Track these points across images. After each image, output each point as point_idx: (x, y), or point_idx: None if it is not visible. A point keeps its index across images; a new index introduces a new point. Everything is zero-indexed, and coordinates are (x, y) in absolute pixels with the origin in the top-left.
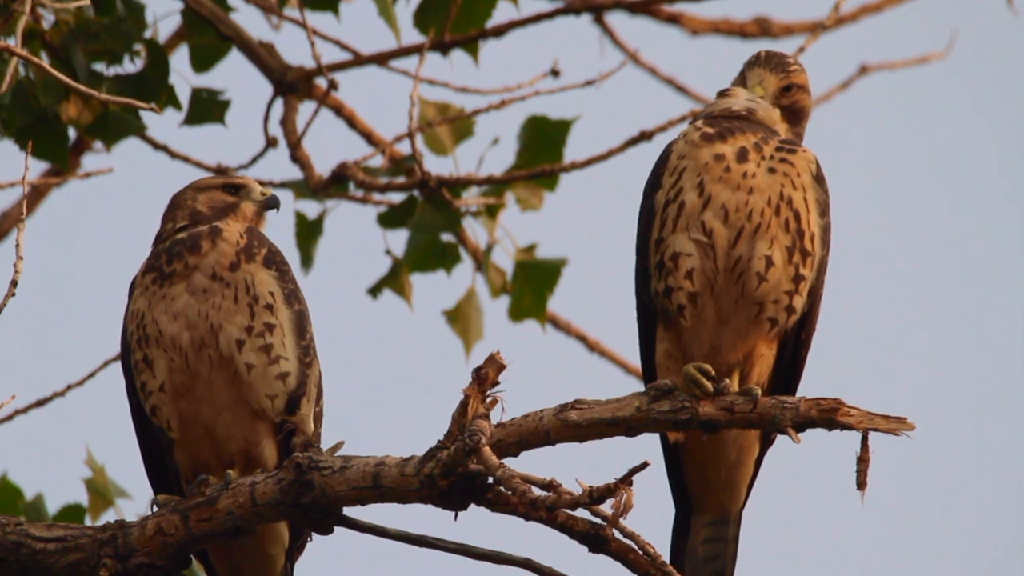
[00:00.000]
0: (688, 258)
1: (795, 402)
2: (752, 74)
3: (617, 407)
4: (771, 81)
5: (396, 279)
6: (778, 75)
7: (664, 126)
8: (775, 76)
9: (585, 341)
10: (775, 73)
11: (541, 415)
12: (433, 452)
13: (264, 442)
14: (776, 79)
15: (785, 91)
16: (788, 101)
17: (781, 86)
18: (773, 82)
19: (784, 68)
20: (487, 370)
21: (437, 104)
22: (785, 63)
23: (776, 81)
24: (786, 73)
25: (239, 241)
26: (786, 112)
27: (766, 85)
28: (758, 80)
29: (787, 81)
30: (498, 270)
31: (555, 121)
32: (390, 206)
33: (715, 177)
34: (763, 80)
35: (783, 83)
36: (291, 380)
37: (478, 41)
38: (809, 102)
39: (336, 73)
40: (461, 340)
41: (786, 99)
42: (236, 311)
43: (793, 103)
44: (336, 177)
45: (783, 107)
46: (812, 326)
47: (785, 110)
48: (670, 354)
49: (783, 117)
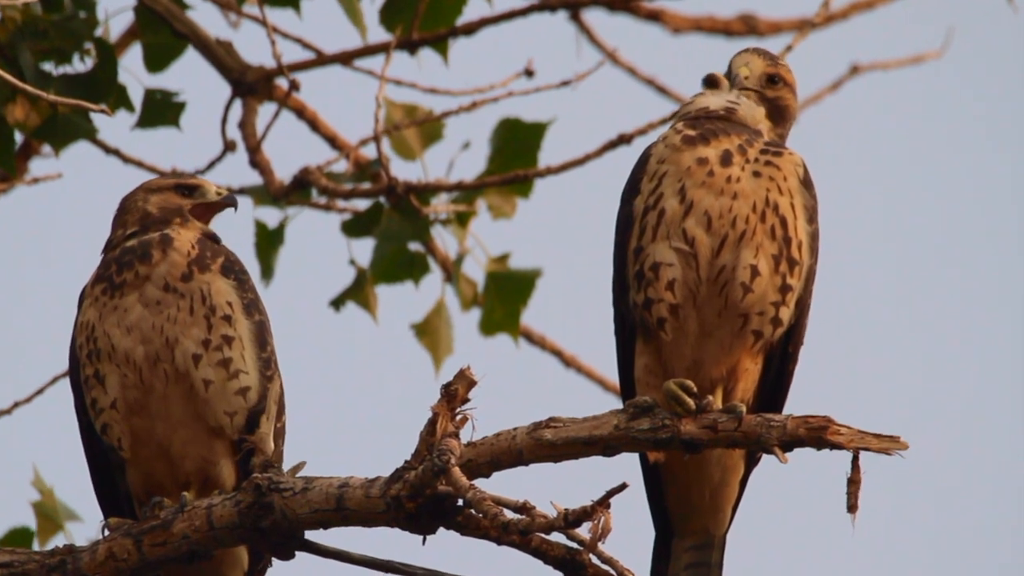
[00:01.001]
0: (669, 268)
1: (782, 420)
2: (738, 59)
3: (594, 425)
4: (758, 64)
5: (361, 291)
6: (765, 60)
7: (644, 129)
8: (762, 60)
9: (560, 356)
10: (763, 58)
11: (514, 434)
12: (400, 473)
13: (222, 462)
14: (763, 63)
15: (771, 81)
16: (773, 94)
17: (767, 72)
18: (760, 65)
19: (772, 58)
20: (457, 386)
21: (404, 106)
22: (774, 55)
23: (763, 65)
24: (774, 62)
25: (191, 252)
26: (770, 108)
27: (752, 67)
28: (744, 62)
29: (774, 69)
30: (469, 281)
31: (529, 124)
32: (355, 214)
33: (697, 182)
34: (749, 62)
35: (770, 70)
36: (252, 395)
37: (448, 39)
38: (795, 104)
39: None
40: (430, 355)
41: (771, 91)
42: (192, 323)
43: (778, 98)
44: (298, 183)
45: (767, 100)
46: (800, 339)
47: (769, 105)
48: (650, 369)
49: (767, 114)
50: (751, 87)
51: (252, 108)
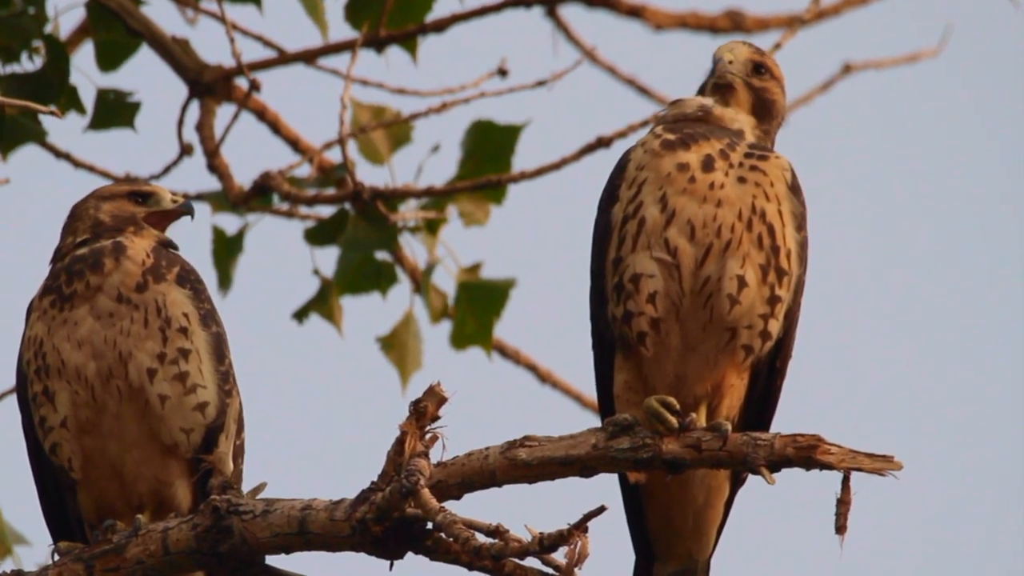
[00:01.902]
0: (650, 280)
1: (769, 439)
2: (722, 47)
3: (571, 444)
4: (742, 50)
5: (325, 302)
6: (751, 48)
7: (624, 131)
8: (748, 48)
9: (535, 371)
10: (748, 46)
11: (486, 453)
12: (366, 494)
13: (177, 483)
14: (748, 49)
15: (757, 70)
16: (760, 84)
17: (753, 59)
18: (744, 51)
19: (758, 48)
20: (426, 403)
21: (371, 107)
22: (757, 47)
23: (748, 52)
24: (759, 51)
25: (145, 260)
26: (755, 100)
27: (737, 53)
28: (728, 48)
29: (760, 58)
30: (439, 292)
31: (503, 126)
32: (318, 221)
33: (679, 189)
34: (734, 48)
35: (756, 58)
36: (210, 410)
37: (417, 37)
38: (782, 100)
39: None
40: (397, 370)
41: (758, 80)
42: (146, 336)
43: (764, 90)
44: (258, 188)
45: (753, 91)
46: (788, 353)
47: (755, 96)
48: (630, 386)
49: (751, 107)
50: (735, 73)
51: (210, 109)
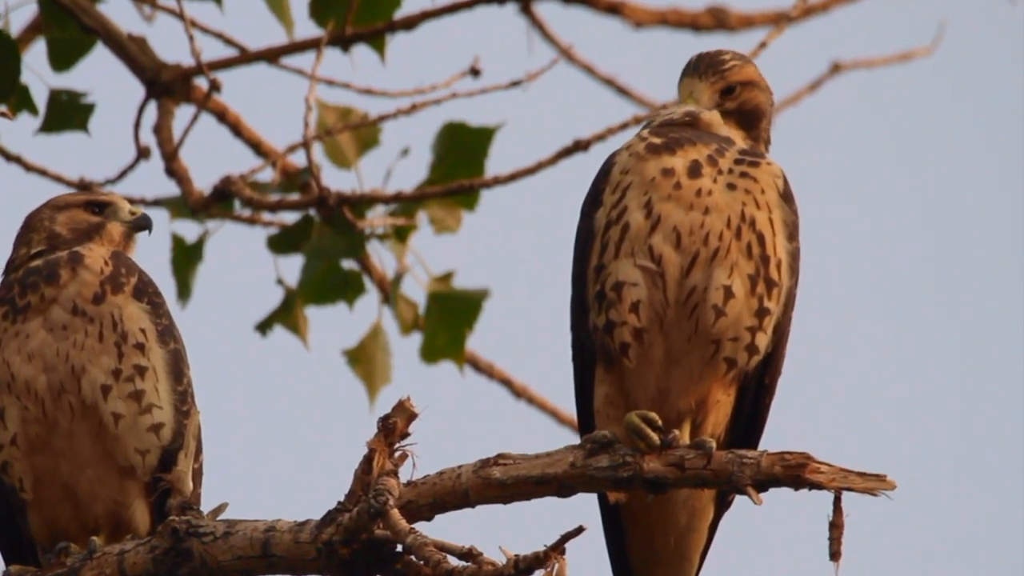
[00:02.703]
0: (633, 288)
1: (756, 457)
2: (681, 86)
3: (547, 463)
4: (702, 88)
5: (289, 313)
6: (710, 80)
7: (602, 134)
8: (706, 82)
9: (510, 386)
10: (706, 79)
11: (459, 472)
12: (332, 515)
13: (134, 504)
14: (708, 85)
15: (726, 93)
16: (735, 104)
17: (718, 89)
18: (705, 89)
19: (717, 69)
20: (395, 420)
21: (337, 108)
22: (719, 62)
23: (709, 87)
24: (720, 74)
25: (103, 269)
26: (737, 116)
27: (697, 95)
28: (688, 92)
29: (723, 83)
30: (408, 303)
31: (475, 129)
32: (282, 228)
33: (663, 195)
34: (693, 90)
35: (719, 86)
36: (165, 432)
37: (385, 35)
38: (764, 98)
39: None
40: (365, 384)
41: (731, 102)
42: (101, 351)
43: (742, 104)
44: (219, 194)
45: (732, 112)
46: (777, 368)
47: (735, 115)
48: (611, 400)
49: (735, 123)
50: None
51: (168, 111)
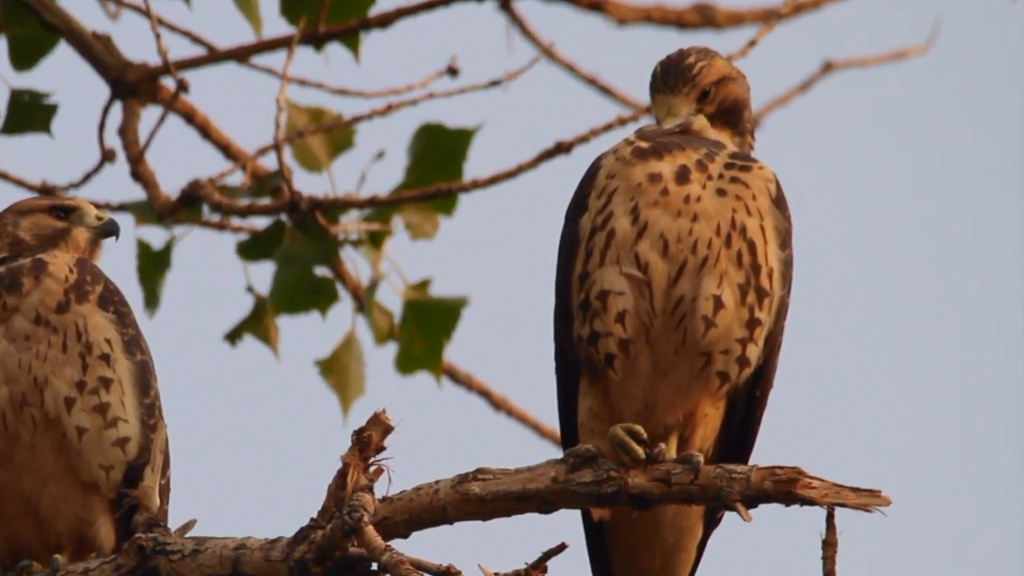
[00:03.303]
0: (619, 297)
1: (745, 471)
2: (656, 103)
3: (528, 478)
4: (678, 103)
5: (259, 322)
6: (683, 91)
7: (585, 136)
8: (680, 95)
9: (489, 398)
10: (678, 91)
11: (436, 487)
12: (305, 532)
13: (99, 520)
14: (683, 97)
15: (703, 98)
16: (713, 106)
17: (693, 99)
18: (681, 102)
19: (686, 78)
20: (370, 433)
21: (309, 109)
22: (685, 70)
23: (684, 99)
24: (691, 83)
25: (68, 276)
26: (718, 116)
27: (676, 110)
28: (665, 109)
29: (697, 90)
30: (383, 311)
31: (453, 130)
32: (252, 233)
33: (650, 201)
34: (671, 107)
35: (694, 95)
36: (131, 447)
37: (359, 33)
38: (739, 89)
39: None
40: (338, 396)
41: (710, 105)
42: (65, 362)
43: (720, 103)
44: (186, 198)
45: (712, 115)
46: (769, 381)
47: (716, 115)
48: (595, 413)
49: (719, 123)
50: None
51: (134, 112)
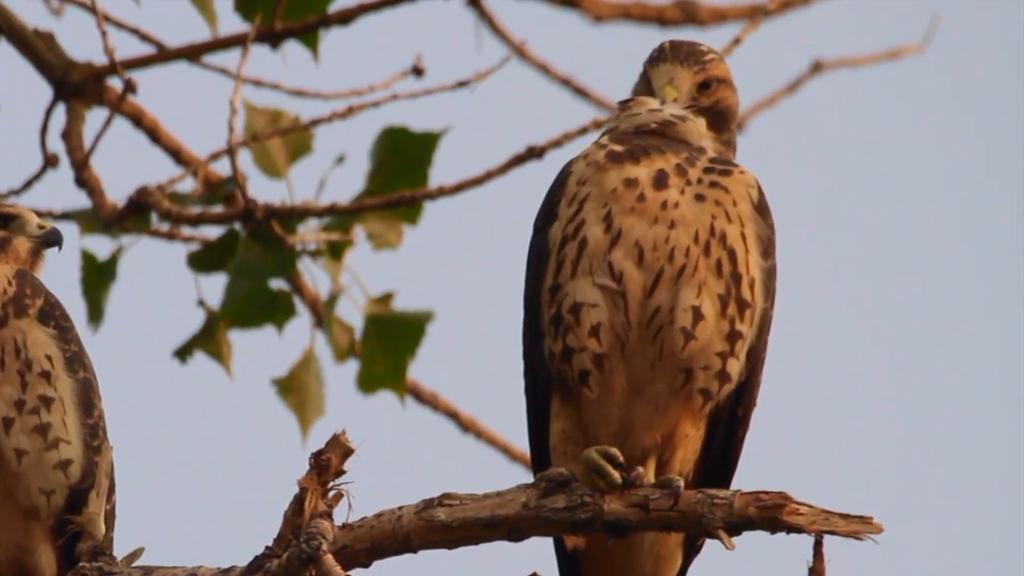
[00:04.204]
0: (593, 310)
1: (728, 497)
2: (658, 72)
3: (498, 503)
4: (684, 77)
5: (211, 338)
6: (692, 69)
7: (559, 140)
8: (688, 71)
9: (456, 418)
10: (687, 67)
11: (399, 514)
12: (260, 561)
13: (40, 548)
14: (690, 74)
15: (703, 88)
16: (709, 101)
17: (697, 82)
18: (687, 78)
19: (698, 59)
20: (329, 456)
21: (266, 111)
22: (698, 52)
23: (690, 77)
24: (701, 65)
25: (6, 289)
26: (709, 115)
27: (678, 83)
28: (667, 79)
29: (704, 75)
30: (344, 327)
31: (418, 134)
32: (204, 244)
33: (626, 207)
34: (673, 78)
35: (699, 78)
36: (74, 470)
37: (318, 30)
38: (735, 100)
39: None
40: (296, 417)
41: (706, 98)
42: (3, 380)
43: (716, 103)
44: (134, 206)
45: (704, 110)
46: (752, 399)
47: (707, 113)
48: (568, 435)
49: (709, 126)
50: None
51: (79, 114)
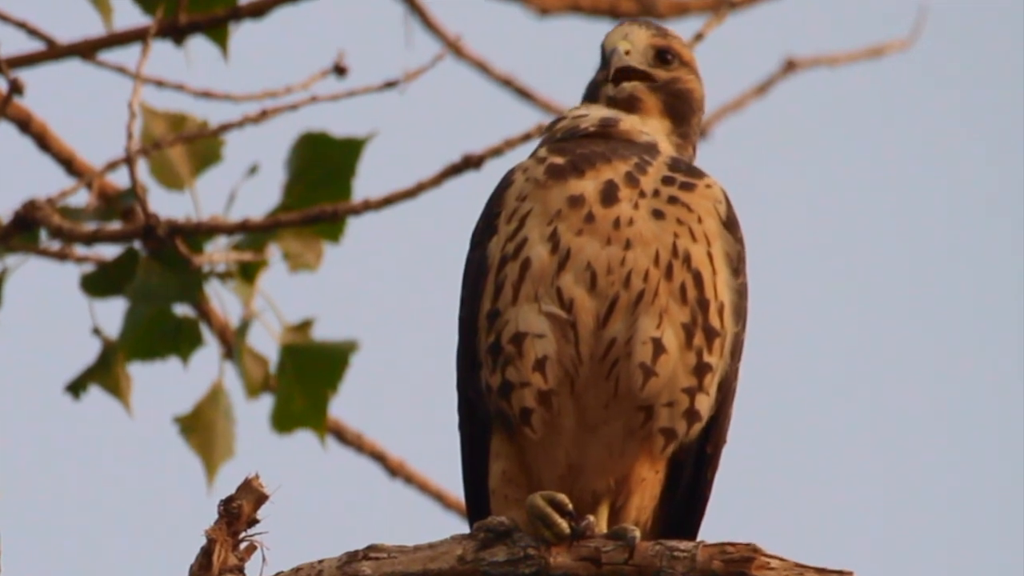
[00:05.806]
0: (538, 341)
1: (690, 549)
2: (614, 33)
3: (430, 556)
4: (640, 35)
5: (108, 370)
6: (651, 30)
7: (499, 147)
8: (647, 31)
9: (384, 461)
10: (647, 28)
11: (319, 568)
12: None
13: None
14: (647, 34)
15: (661, 58)
16: (667, 75)
17: (655, 45)
18: (643, 36)
19: (661, 29)
20: (240, 503)
21: (169, 115)
22: (662, 27)
23: (647, 35)
24: (661, 32)
25: None
26: (666, 98)
27: (634, 39)
28: (621, 35)
29: (663, 41)
30: (257, 358)
31: (340, 140)
32: (100, 264)
33: (573, 228)
34: (629, 33)
35: (657, 41)
36: None
37: (228, 24)
38: (699, 87)
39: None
40: (202, 459)
41: (664, 71)
42: None
43: (674, 81)
44: (20, 222)
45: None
46: (722, 434)
47: (664, 93)
48: (509, 478)
49: (662, 108)
50: (636, 65)
51: None
